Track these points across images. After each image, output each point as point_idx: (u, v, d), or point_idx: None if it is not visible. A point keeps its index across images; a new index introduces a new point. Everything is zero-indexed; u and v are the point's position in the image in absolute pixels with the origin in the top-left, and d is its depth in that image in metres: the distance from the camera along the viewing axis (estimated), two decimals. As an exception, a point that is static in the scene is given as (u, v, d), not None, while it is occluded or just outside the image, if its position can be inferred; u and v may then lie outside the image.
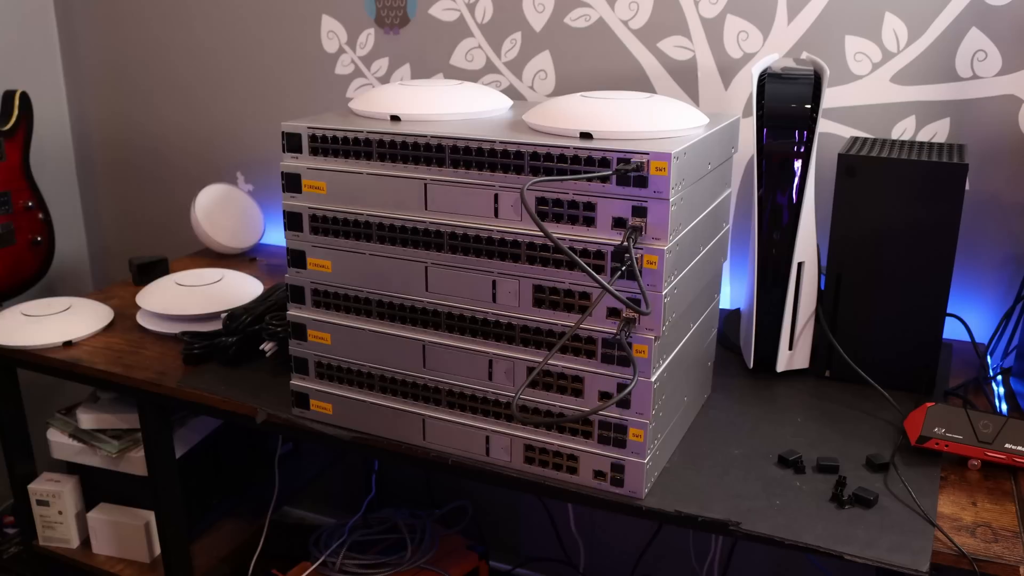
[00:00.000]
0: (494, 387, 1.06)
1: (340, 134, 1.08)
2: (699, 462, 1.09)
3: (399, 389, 1.13)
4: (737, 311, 1.53)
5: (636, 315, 0.96)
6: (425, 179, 1.04)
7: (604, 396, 1.00)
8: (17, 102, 1.93)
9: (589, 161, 0.95)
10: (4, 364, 1.55)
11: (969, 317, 1.39)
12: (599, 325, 0.99)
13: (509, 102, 1.22)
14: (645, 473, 1.01)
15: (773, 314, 1.29)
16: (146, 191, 2.21)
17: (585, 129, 0.98)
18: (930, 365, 1.25)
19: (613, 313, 0.98)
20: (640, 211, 0.94)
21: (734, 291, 1.60)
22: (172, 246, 2.21)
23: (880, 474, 1.06)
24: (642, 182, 0.93)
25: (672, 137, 0.99)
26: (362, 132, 1.06)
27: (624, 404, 0.99)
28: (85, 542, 1.66)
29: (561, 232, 0.98)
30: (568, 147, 0.96)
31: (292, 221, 1.13)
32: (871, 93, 1.45)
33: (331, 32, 1.82)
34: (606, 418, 1.00)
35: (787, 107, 1.24)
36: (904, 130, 1.44)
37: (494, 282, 1.03)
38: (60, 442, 1.60)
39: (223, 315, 1.43)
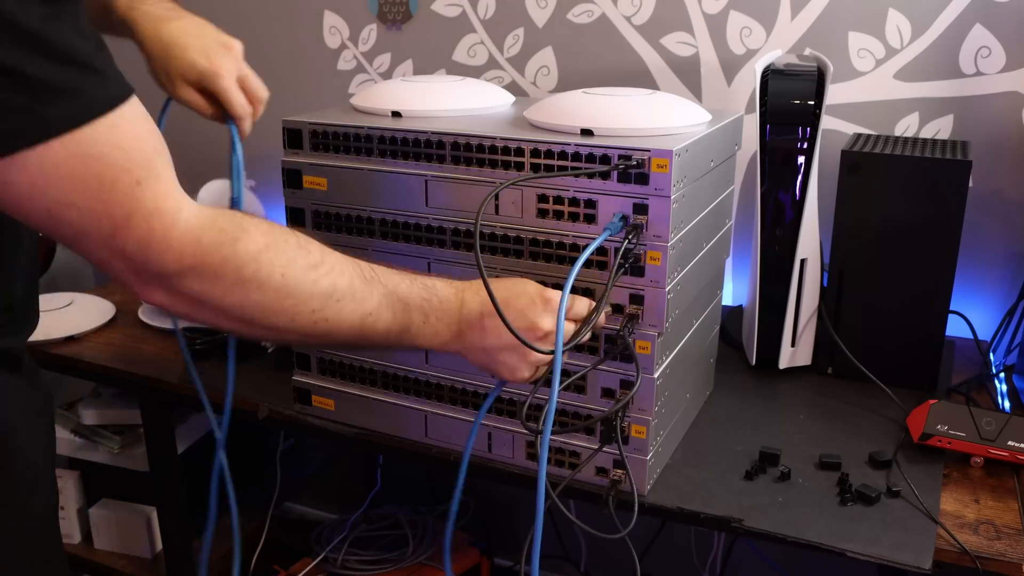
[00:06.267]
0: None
1: (341, 130, 1.07)
2: (701, 459, 1.09)
3: (401, 385, 1.13)
4: (739, 308, 1.53)
5: (639, 310, 0.96)
6: (426, 175, 1.03)
7: (606, 392, 1.00)
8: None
9: (590, 158, 0.95)
10: (6, 360, 1.55)
11: (972, 314, 1.38)
12: (601, 320, 0.98)
13: (511, 98, 1.22)
14: (648, 470, 1.01)
15: (775, 311, 1.29)
16: (148, 187, 2.21)
17: (586, 126, 0.98)
18: (933, 362, 1.25)
19: (617, 309, 0.97)
20: (641, 208, 0.94)
21: (736, 288, 1.60)
22: (174, 242, 2.21)
23: (882, 471, 1.06)
24: (643, 179, 0.93)
25: (674, 134, 0.99)
26: (363, 128, 1.06)
27: (626, 401, 0.99)
28: (87, 537, 1.66)
29: (562, 229, 0.98)
30: (569, 144, 0.95)
31: (293, 217, 1.13)
32: (874, 90, 1.44)
33: (333, 28, 1.81)
34: (608, 414, 1.00)
35: (790, 103, 1.24)
36: (907, 127, 1.44)
37: (496, 278, 1.03)
38: (62, 438, 1.59)
39: (225, 311, 1.42)
